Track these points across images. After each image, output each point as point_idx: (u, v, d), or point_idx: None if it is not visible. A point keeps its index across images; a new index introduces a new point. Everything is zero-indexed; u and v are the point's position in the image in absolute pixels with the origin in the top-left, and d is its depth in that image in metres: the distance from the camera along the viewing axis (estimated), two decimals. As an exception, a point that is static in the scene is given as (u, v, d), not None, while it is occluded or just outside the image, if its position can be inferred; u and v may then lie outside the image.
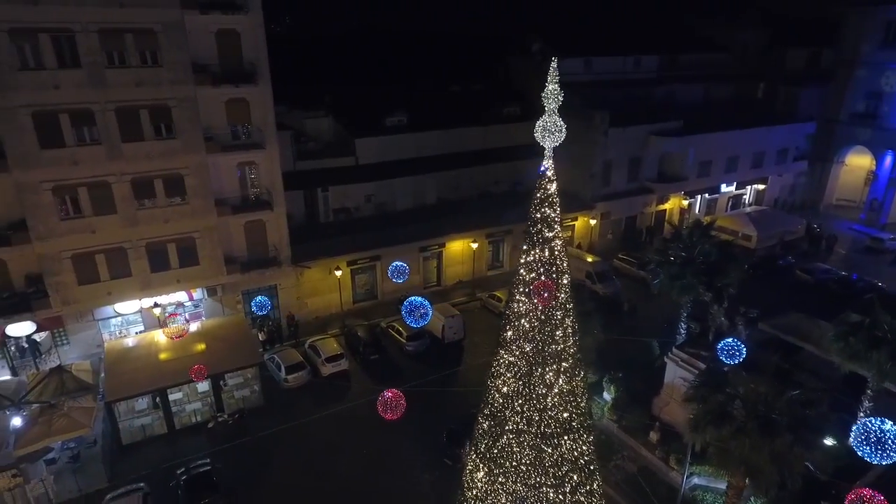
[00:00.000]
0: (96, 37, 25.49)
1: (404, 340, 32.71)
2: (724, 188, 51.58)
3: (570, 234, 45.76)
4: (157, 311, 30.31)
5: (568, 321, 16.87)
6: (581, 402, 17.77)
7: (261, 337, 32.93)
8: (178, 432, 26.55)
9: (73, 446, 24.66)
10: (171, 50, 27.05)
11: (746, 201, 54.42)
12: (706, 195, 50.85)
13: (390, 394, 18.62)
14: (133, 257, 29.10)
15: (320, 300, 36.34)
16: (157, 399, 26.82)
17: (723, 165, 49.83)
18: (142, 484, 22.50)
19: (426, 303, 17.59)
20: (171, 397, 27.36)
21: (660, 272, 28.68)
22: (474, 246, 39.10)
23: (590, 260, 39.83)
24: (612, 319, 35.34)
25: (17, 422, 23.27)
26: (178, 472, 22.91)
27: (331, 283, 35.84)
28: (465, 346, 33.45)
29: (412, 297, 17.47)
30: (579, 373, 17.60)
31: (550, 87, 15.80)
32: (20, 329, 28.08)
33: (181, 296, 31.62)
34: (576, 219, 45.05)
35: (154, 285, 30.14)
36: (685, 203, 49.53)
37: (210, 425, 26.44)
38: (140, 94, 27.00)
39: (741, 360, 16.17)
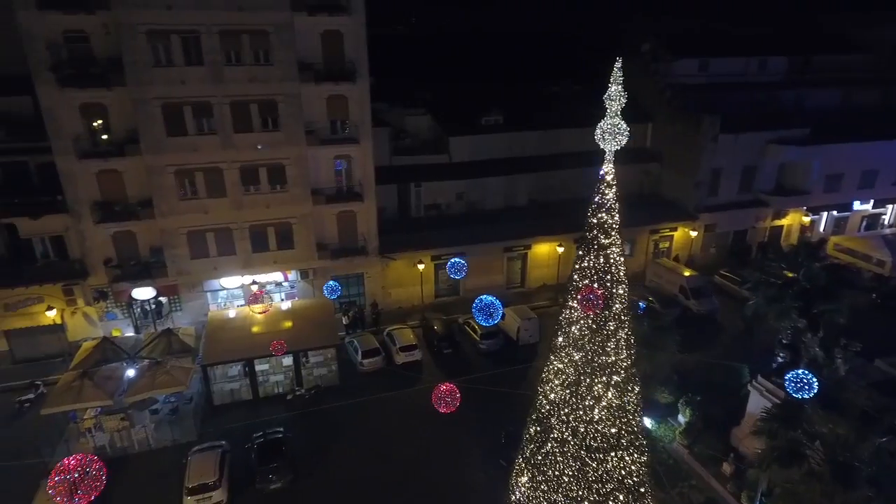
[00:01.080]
0: (217, 37, 28.38)
1: (478, 338, 32.96)
2: (857, 206, 45.93)
3: (667, 244, 43.28)
4: (254, 287, 33.12)
5: (622, 333, 16.22)
6: (633, 419, 17.05)
7: (344, 321, 34.83)
8: (261, 400, 28.92)
9: (174, 401, 27.77)
10: (280, 49, 29.41)
11: (886, 222, 48.05)
12: (834, 212, 45.61)
13: (445, 387, 19.08)
14: (237, 238, 32.09)
15: (403, 291, 37.62)
16: (247, 368, 29.43)
17: (857, 180, 44.41)
18: (223, 442, 24.88)
19: (497, 303, 17.60)
20: (258, 368, 29.85)
21: (756, 293, 26.38)
22: (560, 250, 38.33)
23: (685, 274, 37.42)
24: (702, 339, 33.43)
25: (130, 373, 26.71)
26: (255, 435, 25.01)
27: (414, 275, 36.97)
28: (538, 350, 32.99)
29: (484, 296, 17.57)
30: (633, 388, 16.90)
31: (613, 88, 15.30)
32: (143, 293, 32.11)
33: (277, 276, 34.31)
34: (675, 229, 42.46)
35: (254, 264, 33.02)
36: (806, 220, 44.80)
37: (289, 397, 28.55)
38: (251, 89, 29.67)
39: (811, 394, 14.53)
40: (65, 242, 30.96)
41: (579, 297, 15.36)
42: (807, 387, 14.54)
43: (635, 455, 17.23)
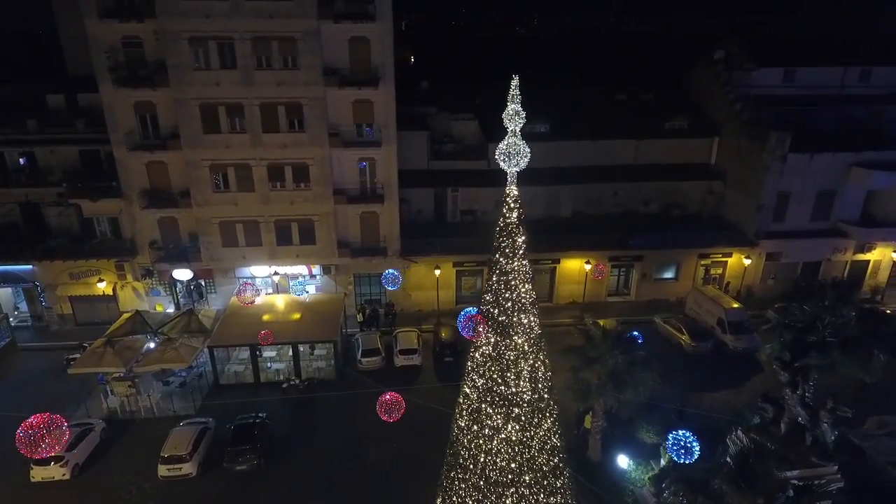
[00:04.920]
0: (250, 43, 30.46)
1: (481, 350, 32.28)
2: (970, 245, 38.73)
3: (720, 271, 39.44)
4: (276, 278, 35.20)
5: (524, 364, 15.28)
6: (541, 457, 16.00)
7: (359, 318, 35.86)
8: (261, 385, 30.71)
9: (185, 375, 30.41)
10: (306, 55, 30.91)
11: None
12: (939, 250, 38.85)
13: (389, 396, 19.24)
14: (264, 230, 34.24)
15: (423, 295, 37.87)
16: (258, 353, 31.38)
17: (969, 214, 37.45)
18: (209, 419, 26.87)
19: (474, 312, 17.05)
20: (266, 354, 31.80)
21: (772, 336, 23.39)
22: (587, 267, 36.41)
23: (727, 305, 33.91)
24: (730, 378, 30.37)
25: (150, 345, 29.65)
26: (239, 417, 26.66)
27: (435, 280, 37.07)
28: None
29: (469, 309, 17.29)
30: (541, 424, 15.87)
31: (511, 108, 14.43)
32: (182, 274, 35.35)
33: (302, 269, 36.13)
34: (729, 254, 38.56)
35: (278, 256, 35.04)
36: (900, 256, 38.64)
37: (284, 385, 30.02)
38: (279, 92, 31.48)
39: (692, 460, 12.68)
40: (119, 224, 34.94)
41: (463, 321, 14.77)
42: (685, 452, 12.73)
43: (541, 496, 16.15)
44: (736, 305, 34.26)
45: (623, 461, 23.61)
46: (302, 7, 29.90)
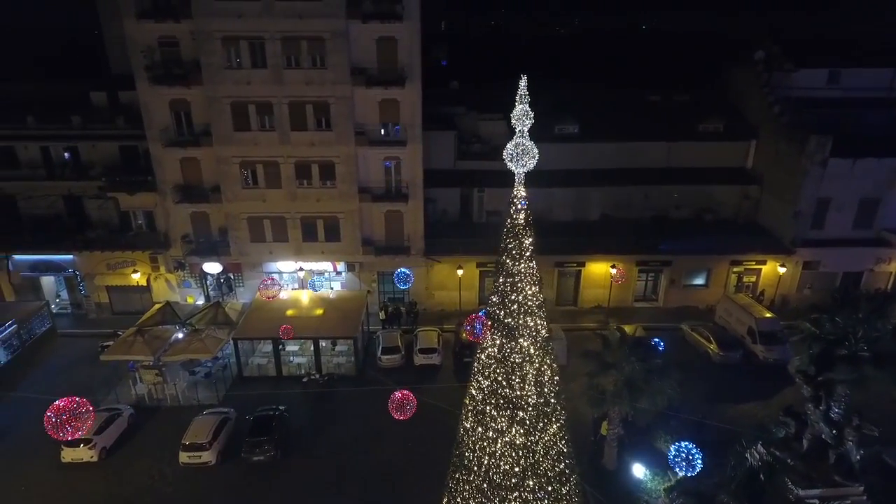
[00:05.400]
0: (279, 43, 31.06)
1: (501, 352, 32.08)
2: None
3: (753, 279, 38.10)
4: (301, 273, 35.78)
5: (529, 368, 15.11)
6: (545, 462, 15.80)
7: (381, 316, 36.14)
8: (283, 378, 31.28)
9: (210, 366, 31.24)
10: (334, 54, 31.33)
11: None
12: None
13: (401, 394, 19.44)
14: (290, 226, 34.88)
15: (447, 295, 37.89)
16: (282, 346, 32.00)
17: None
18: (230, 410, 27.52)
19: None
20: (288, 348, 32.42)
21: (801, 349, 22.48)
22: (612, 271, 35.70)
23: (758, 315, 32.75)
24: (759, 390, 29.34)
25: (178, 336, 30.58)
26: (259, 409, 27.23)
27: (458, 279, 37.03)
28: (560, 371, 31.22)
29: (483, 311, 17.28)
30: (547, 429, 15.67)
31: (519, 108, 14.26)
32: (212, 268, 36.34)
33: (327, 265, 36.65)
34: (763, 262, 37.21)
35: (304, 252, 35.65)
36: (950, 269, 36.54)
37: (304, 380, 30.50)
38: (307, 91, 32.01)
39: (693, 472, 12.25)
40: (154, 217, 36.16)
41: (466, 322, 14.73)
42: (687, 464, 12.30)
43: (545, 502, 15.94)
44: (768, 315, 33.06)
45: (639, 471, 23.09)
46: (330, 7, 30.32)
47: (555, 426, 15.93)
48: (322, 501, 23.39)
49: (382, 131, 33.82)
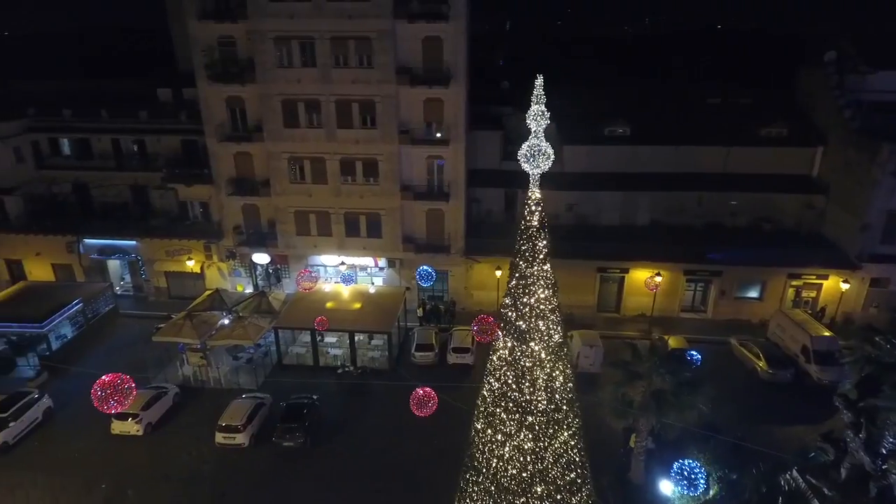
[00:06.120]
0: (328, 43, 31.93)
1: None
2: None
3: (813, 294, 35.77)
4: (342, 268, 36.63)
5: (540, 372, 14.87)
6: (553, 470, 15.51)
7: (419, 313, 36.47)
8: (319, 368, 32.15)
9: (252, 352, 32.55)
10: (381, 54, 31.88)
11: None
12: None
13: (422, 391, 19.74)
14: (334, 221, 35.82)
15: (486, 295, 37.73)
16: (320, 337, 32.93)
17: None
18: (266, 396, 28.59)
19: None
20: (326, 339, 33.31)
21: (852, 371, 20.97)
22: (657, 279, 34.43)
23: (814, 332, 30.73)
24: (810, 413, 27.57)
25: (224, 322, 32.04)
26: (292, 396, 28.15)
27: (497, 280, 36.82)
28: (597, 381, 30.51)
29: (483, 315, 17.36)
30: (557, 436, 15.37)
31: (535, 108, 14.06)
32: (260, 258, 37.86)
33: (369, 261, 37.37)
34: (826, 277, 34.85)
35: (346, 247, 36.51)
36: None
37: (339, 371, 31.28)
38: (354, 90, 32.75)
39: (697, 492, 11.60)
40: (209, 208, 38.03)
41: (476, 323, 14.67)
42: (689, 483, 11.65)
43: (553, 509, 15.66)
44: (825, 333, 30.95)
45: (667, 487, 22.16)
46: (378, 7, 30.88)
47: (566, 433, 15.61)
48: (345, 491, 23.92)
49: (426, 130, 34.05)
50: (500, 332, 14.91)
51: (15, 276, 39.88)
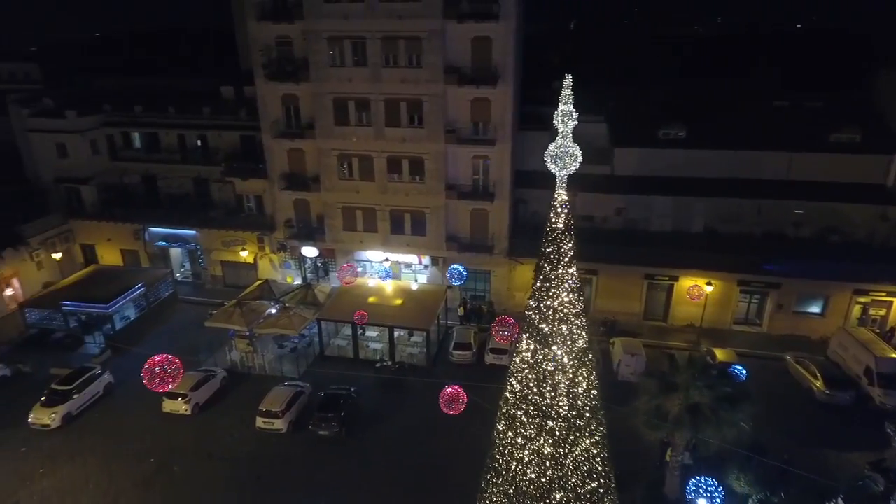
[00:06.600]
0: (379, 42, 32.52)
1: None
2: None
3: (883, 312, 33.34)
4: (386, 264, 37.20)
5: (562, 377, 14.64)
6: (573, 478, 15.25)
7: (459, 312, 36.58)
8: (359, 361, 32.82)
9: (296, 342, 33.64)
10: (430, 53, 32.18)
11: None
12: None
13: (452, 390, 20.04)
14: (379, 218, 36.46)
15: (527, 296, 37.29)
16: (362, 331, 33.66)
17: None
18: (306, 385, 29.50)
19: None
20: (368, 333, 33.98)
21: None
22: (708, 289, 33.01)
23: (880, 353, 28.65)
24: (866, 440, 25.79)
25: (272, 311, 33.29)
26: (330, 387, 28.91)
27: (539, 283, 36.37)
28: (637, 391, 29.59)
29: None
30: (578, 443, 15.09)
31: (563, 108, 13.87)
32: (309, 252, 39.05)
33: (413, 258, 37.81)
34: (896, 294, 32.45)
35: (391, 244, 37.09)
36: None
37: (377, 365, 31.83)
38: (402, 89, 33.21)
39: None
40: (263, 202, 39.56)
41: (497, 322, 14.60)
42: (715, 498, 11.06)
43: (573, 518, 15.37)
44: (893, 355, 28.79)
45: (702, 506, 21.29)
46: (428, 7, 31.16)
47: (588, 441, 15.31)
48: (376, 482, 24.37)
49: (472, 129, 34.07)
50: (520, 333, 14.75)
51: (88, 259, 42.89)
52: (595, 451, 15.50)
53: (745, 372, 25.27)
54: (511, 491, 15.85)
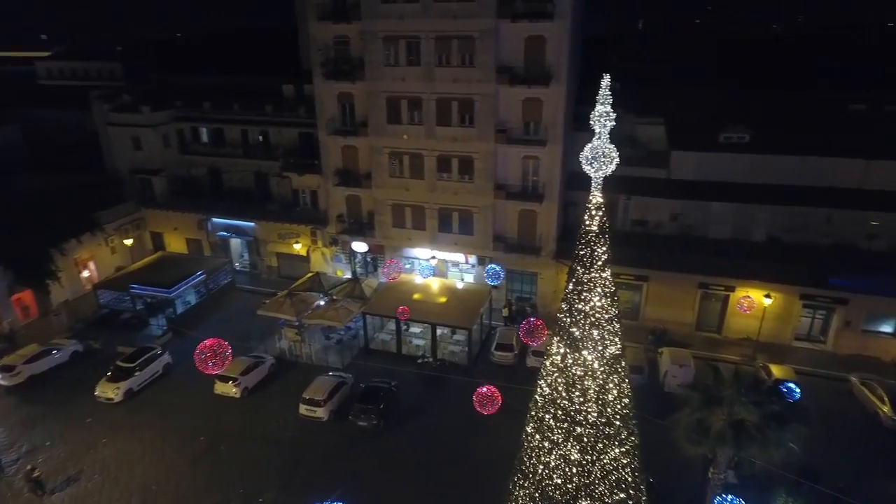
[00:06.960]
0: (433, 42, 32.87)
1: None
2: None
3: (959, 333, 30.63)
4: (433, 262, 37.53)
5: (592, 383, 14.39)
6: (600, 486, 15.00)
7: (504, 313, 36.44)
8: (402, 356, 33.30)
9: (342, 334, 34.53)
10: (482, 53, 32.24)
11: None
12: None
13: (486, 390, 20.28)
14: (428, 216, 36.85)
15: (575, 301, 36.69)
16: (406, 326, 34.18)
17: None
18: (348, 376, 30.25)
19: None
20: (412, 329, 34.45)
21: None
22: (767, 301, 31.36)
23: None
24: None
25: (320, 303, 34.34)
26: (372, 379, 29.52)
27: (587, 287, 35.70)
28: (679, 400, 28.55)
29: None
30: (607, 451, 14.79)
31: (600, 108, 13.64)
32: (359, 247, 39.97)
33: (459, 257, 37.99)
34: (981, 316, 29.70)
35: (438, 242, 37.41)
36: None
37: (419, 361, 32.20)
38: (454, 88, 33.43)
39: None
40: (317, 197, 40.79)
41: (524, 323, 14.48)
42: None
43: (599, 528, 15.07)
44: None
45: (745, 527, 20.32)
46: (483, 7, 31.23)
47: (617, 450, 14.97)
48: (408, 476, 24.73)
49: (523, 130, 33.85)
50: (550, 336, 14.59)
51: (157, 246, 45.60)
52: (625, 461, 15.14)
53: (798, 390, 23.90)
54: (537, 495, 15.72)
